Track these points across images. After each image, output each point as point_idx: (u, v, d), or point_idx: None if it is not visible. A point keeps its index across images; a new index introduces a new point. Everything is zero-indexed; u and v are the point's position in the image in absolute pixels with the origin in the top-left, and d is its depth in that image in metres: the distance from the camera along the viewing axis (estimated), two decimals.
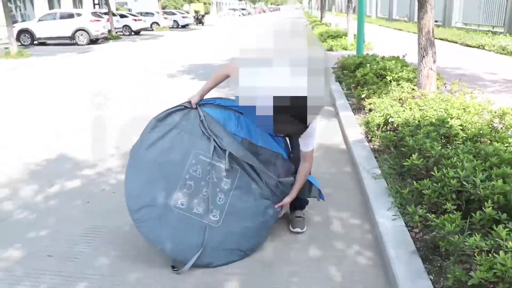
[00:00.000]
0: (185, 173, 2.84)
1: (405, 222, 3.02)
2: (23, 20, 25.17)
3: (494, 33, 16.67)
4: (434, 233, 2.78)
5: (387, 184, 3.61)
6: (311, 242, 3.07)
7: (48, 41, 21.96)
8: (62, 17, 21.67)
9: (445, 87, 6.50)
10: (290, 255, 2.93)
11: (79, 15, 21.80)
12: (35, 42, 21.63)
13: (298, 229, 3.19)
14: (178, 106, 3.03)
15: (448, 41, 16.72)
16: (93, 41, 21.96)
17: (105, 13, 25.58)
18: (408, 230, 2.94)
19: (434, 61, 5.68)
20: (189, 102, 3.03)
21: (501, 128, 4.13)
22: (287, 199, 3.01)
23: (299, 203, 3.26)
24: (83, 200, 3.86)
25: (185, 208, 2.80)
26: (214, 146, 2.84)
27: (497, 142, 3.43)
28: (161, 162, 2.85)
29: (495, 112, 4.23)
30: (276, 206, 2.97)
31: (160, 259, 2.91)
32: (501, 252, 2.12)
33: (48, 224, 3.45)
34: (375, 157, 4.22)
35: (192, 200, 2.81)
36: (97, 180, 4.30)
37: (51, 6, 28.35)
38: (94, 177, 4.37)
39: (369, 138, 4.82)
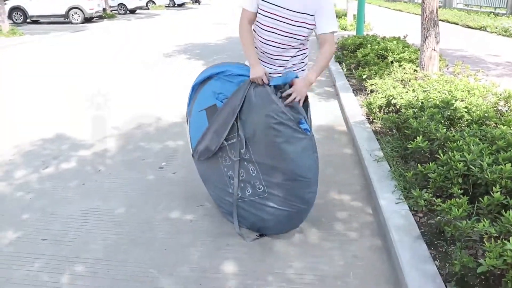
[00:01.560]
0: (223, 169, 2.91)
1: (409, 206, 2.94)
2: None
3: (496, 14, 16.47)
4: (439, 217, 2.70)
5: (390, 167, 3.52)
6: (313, 225, 2.99)
7: (41, 19, 21.49)
8: None
9: (447, 68, 6.38)
10: (291, 238, 2.86)
11: None
12: (28, 20, 21.19)
13: None
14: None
15: (449, 22, 16.49)
16: (88, 20, 21.55)
17: None
18: (412, 214, 2.87)
19: (438, 42, 5.55)
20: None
21: (506, 111, 4.04)
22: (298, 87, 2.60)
23: None
24: (78, 181, 3.77)
25: (241, 196, 2.88)
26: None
27: (503, 126, 3.34)
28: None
29: (500, 95, 4.14)
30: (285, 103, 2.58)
31: (156, 242, 2.84)
32: (511, 238, 2.05)
33: (42, 206, 3.36)
34: (377, 139, 4.13)
35: (240, 186, 2.86)
36: (94, 161, 4.19)
37: None
38: (91, 158, 4.27)
39: (371, 120, 4.72)
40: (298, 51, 2.77)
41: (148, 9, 32.98)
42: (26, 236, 2.95)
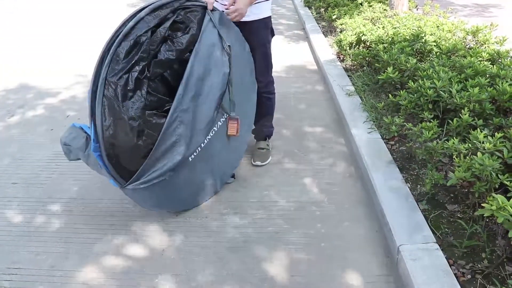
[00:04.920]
0: None
1: (380, 135, 2.99)
2: None
3: None
4: (411, 143, 2.76)
5: (362, 99, 3.55)
6: (287, 156, 3.02)
7: None
8: None
9: (417, 9, 6.37)
10: (265, 170, 2.88)
11: None
12: None
13: (258, 162, 2.91)
14: None
15: None
16: None
17: None
18: (384, 142, 2.92)
19: None
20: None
21: (474, 44, 4.08)
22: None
23: (261, 133, 3.03)
24: (46, 127, 3.67)
25: None
26: None
27: (471, 57, 3.38)
28: None
29: (469, 29, 4.17)
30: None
31: None
32: (478, 153, 2.11)
33: (10, 152, 3.27)
34: (348, 76, 4.13)
35: None
36: (61, 107, 4.07)
37: None
38: (58, 105, 4.14)
39: (341, 58, 4.71)
40: None
41: None
42: None
